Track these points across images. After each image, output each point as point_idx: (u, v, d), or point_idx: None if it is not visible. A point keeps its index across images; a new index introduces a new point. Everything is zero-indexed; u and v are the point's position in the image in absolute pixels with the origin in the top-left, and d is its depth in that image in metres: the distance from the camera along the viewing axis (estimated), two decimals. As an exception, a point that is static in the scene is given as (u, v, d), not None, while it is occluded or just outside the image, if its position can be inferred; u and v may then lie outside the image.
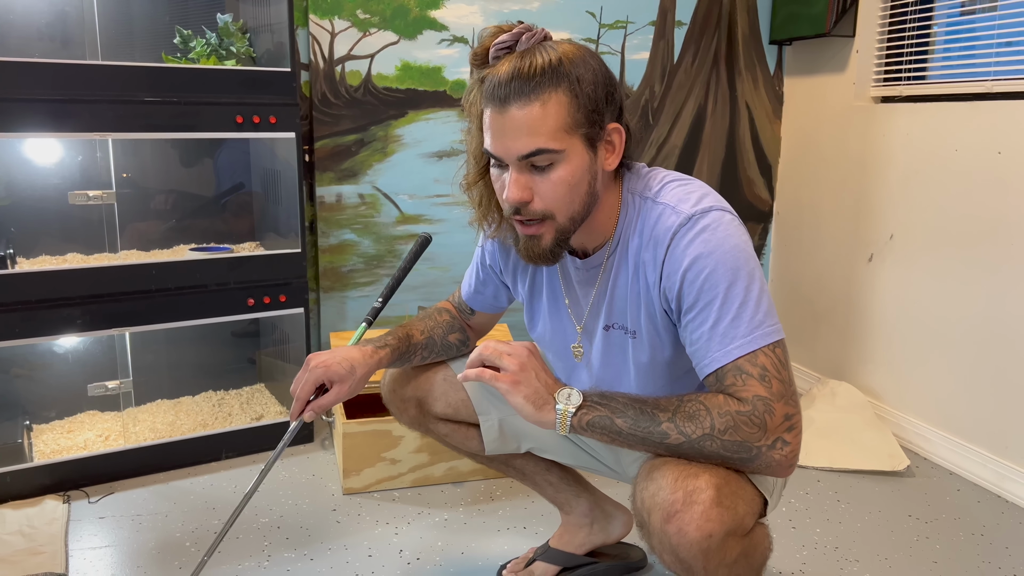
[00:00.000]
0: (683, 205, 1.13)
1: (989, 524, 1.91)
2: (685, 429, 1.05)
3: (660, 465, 1.07)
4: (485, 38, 1.14)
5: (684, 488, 1.02)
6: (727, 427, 1.04)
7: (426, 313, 1.50)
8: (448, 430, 1.51)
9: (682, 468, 1.04)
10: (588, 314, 1.29)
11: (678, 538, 1.01)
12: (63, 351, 2.26)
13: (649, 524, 1.05)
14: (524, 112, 1.07)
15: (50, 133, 1.90)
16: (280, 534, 1.82)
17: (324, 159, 2.51)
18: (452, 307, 1.53)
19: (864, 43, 2.55)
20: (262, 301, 2.18)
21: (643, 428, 1.07)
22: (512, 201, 1.12)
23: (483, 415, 1.47)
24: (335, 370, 1.28)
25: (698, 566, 1.03)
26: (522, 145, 1.08)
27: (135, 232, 2.26)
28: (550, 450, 1.50)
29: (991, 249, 2.08)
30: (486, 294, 1.47)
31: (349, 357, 1.30)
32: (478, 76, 1.15)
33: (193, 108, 2.02)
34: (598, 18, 2.71)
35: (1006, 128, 2.03)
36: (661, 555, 1.06)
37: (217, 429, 2.21)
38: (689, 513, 1.01)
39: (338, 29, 2.46)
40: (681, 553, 1.02)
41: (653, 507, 1.04)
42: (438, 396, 1.48)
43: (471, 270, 1.49)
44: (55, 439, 2.14)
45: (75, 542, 1.78)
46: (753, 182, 2.98)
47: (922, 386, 2.33)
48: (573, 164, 1.11)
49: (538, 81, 1.07)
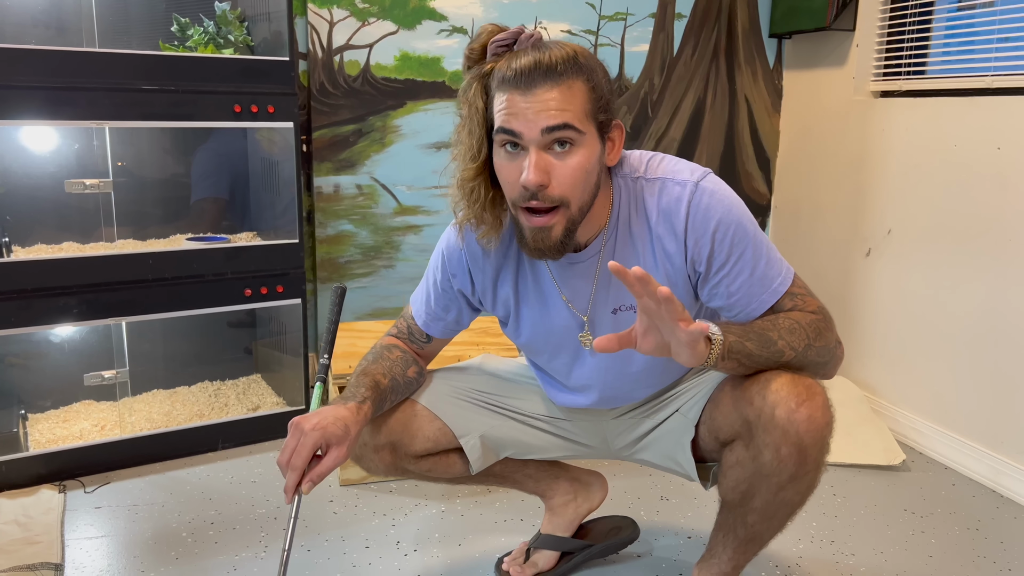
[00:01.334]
0: (680, 175, 1.22)
1: (984, 519, 1.92)
2: (793, 343, 1.18)
3: (770, 375, 1.17)
4: (482, 36, 1.17)
5: (804, 384, 1.16)
6: (817, 334, 1.20)
7: (376, 354, 1.38)
8: (430, 464, 1.45)
9: (791, 373, 1.17)
10: (592, 303, 1.30)
11: (807, 423, 1.13)
12: (59, 340, 2.25)
13: (775, 417, 1.14)
14: (552, 92, 1.10)
15: (47, 121, 1.88)
16: (277, 525, 1.82)
17: (322, 149, 2.50)
18: (399, 340, 1.44)
19: (864, 37, 2.55)
20: (259, 291, 2.17)
21: (767, 348, 1.17)
22: (532, 184, 1.11)
23: (464, 436, 1.43)
24: (332, 431, 1.16)
25: (815, 450, 1.16)
26: (549, 118, 1.10)
27: (132, 221, 2.25)
28: (533, 450, 1.51)
29: (989, 244, 2.08)
30: (447, 319, 1.40)
31: (340, 416, 1.19)
32: (478, 71, 1.17)
33: (190, 97, 2.01)
34: (598, 9, 2.70)
35: (1005, 123, 2.03)
36: (780, 444, 1.15)
37: (213, 420, 2.20)
38: (814, 402, 1.14)
39: (337, 18, 2.44)
40: (806, 437, 1.14)
41: (778, 401, 1.14)
42: (415, 433, 1.40)
43: (424, 298, 1.41)
44: (51, 428, 2.13)
45: (71, 532, 1.77)
46: (751, 176, 2.98)
47: (918, 381, 2.33)
48: (589, 150, 1.14)
49: (562, 69, 1.11)
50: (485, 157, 1.19)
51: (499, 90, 1.13)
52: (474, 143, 1.19)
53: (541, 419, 1.49)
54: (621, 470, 2.10)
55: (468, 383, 1.47)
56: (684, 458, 1.38)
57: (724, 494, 1.31)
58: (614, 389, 1.39)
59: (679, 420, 1.39)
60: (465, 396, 1.45)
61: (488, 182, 1.22)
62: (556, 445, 1.51)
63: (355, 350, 2.32)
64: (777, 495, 1.21)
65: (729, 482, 1.28)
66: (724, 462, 1.29)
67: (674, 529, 1.83)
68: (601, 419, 1.48)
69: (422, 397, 1.43)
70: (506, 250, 1.32)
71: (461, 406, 1.44)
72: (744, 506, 1.27)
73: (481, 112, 1.17)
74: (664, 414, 1.43)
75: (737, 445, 1.25)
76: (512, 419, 1.47)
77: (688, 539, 1.78)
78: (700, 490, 2.00)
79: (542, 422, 1.49)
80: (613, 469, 2.10)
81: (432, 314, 1.41)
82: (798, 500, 1.23)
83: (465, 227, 1.29)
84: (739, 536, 1.31)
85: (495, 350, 2.30)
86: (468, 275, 1.35)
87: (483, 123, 1.17)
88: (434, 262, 1.40)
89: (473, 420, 1.44)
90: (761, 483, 1.21)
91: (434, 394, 1.43)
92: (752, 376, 1.20)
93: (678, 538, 1.79)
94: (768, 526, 1.28)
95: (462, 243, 1.33)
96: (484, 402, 1.46)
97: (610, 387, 1.39)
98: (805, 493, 1.22)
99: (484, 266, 1.33)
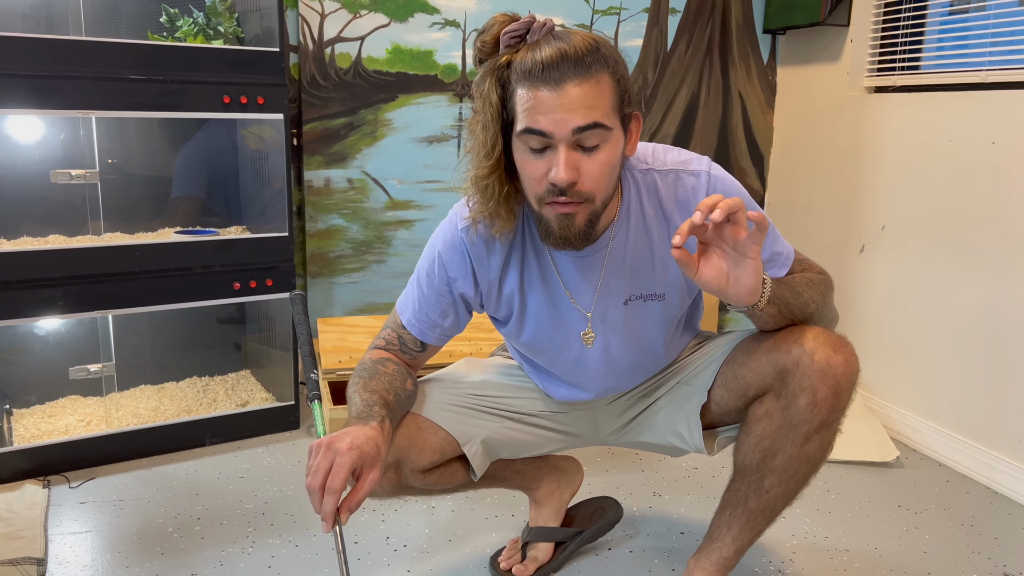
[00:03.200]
0: (690, 166, 1.26)
1: (978, 514, 1.91)
2: (814, 296, 1.25)
3: (802, 328, 1.23)
4: (494, 28, 1.14)
5: (835, 334, 1.23)
6: (827, 290, 1.29)
7: (371, 372, 1.29)
8: (435, 477, 1.40)
9: (818, 327, 1.24)
10: (598, 296, 1.29)
11: (845, 366, 1.19)
12: (44, 334, 2.22)
13: (815, 361, 1.19)
14: (582, 89, 1.07)
15: (32, 110, 1.85)
16: (264, 520, 1.80)
17: (312, 142, 2.48)
18: (389, 353, 1.38)
19: (858, 33, 2.54)
20: (248, 285, 2.15)
21: (798, 298, 1.22)
22: (563, 182, 1.09)
23: (467, 444, 1.39)
24: (367, 451, 1.08)
25: (846, 395, 1.21)
26: (580, 117, 1.07)
27: (119, 213, 2.22)
28: (528, 448, 1.49)
29: (983, 240, 2.07)
30: (444, 325, 1.35)
31: (370, 436, 1.10)
32: (492, 64, 1.13)
33: (179, 87, 1.99)
34: (591, 4, 2.68)
35: (1000, 118, 2.03)
36: (819, 386, 1.19)
37: (201, 415, 2.18)
38: (848, 348, 1.21)
39: (328, 10, 2.42)
40: (842, 380, 1.19)
41: (817, 348, 1.19)
42: (421, 447, 1.34)
43: (415, 305, 1.35)
44: (36, 423, 2.10)
45: (55, 527, 1.75)
46: (745, 172, 2.97)
47: (912, 377, 2.32)
48: (615, 145, 1.13)
49: (590, 61, 1.08)
50: (500, 153, 1.16)
51: (521, 84, 1.09)
52: (489, 139, 1.15)
53: (537, 415, 1.47)
54: (613, 466, 2.08)
55: (462, 388, 1.44)
56: (691, 424, 1.38)
57: (742, 457, 1.30)
58: (616, 379, 1.39)
59: (684, 390, 1.39)
60: (462, 402, 1.42)
61: (503, 177, 1.18)
62: (550, 439, 1.50)
63: (345, 344, 2.30)
64: (801, 449, 1.23)
65: (752, 439, 1.28)
66: (750, 417, 1.29)
67: (667, 524, 1.81)
68: (594, 406, 1.47)
69: (423, 409, 1.38)
70: (511, 246, 1.29)
71: (461, 413, 1.41)
72: (764, 467, 1.26)
73: (496, 107, 1.13)
74: (661, 391, 1.43)
75: (768, 397, 1.26)
76: (510, 419, 1.45)
77: (681, 534, 1.77)
78: (693, 486, 1.98)
79: (538, 418, 1.47)
80: (604, 465, 2.08)
81: (428, 321, 1.35)
82: (819, 456, 1.26)
83: (467, 226, 1.27)
84: (750, 508, 1.30)
85: (486, 345, 2.28)
86: (472, 276, 1.31)
87: (498, 118, 1.14)
88: (427, 267, 1.33)
89: (474, 426, 1.41)
90: (788, 435, 1.23)
91: (434, 404, 1.39)
92: (782, 331, 1.25)
93: (671, 533, 1.77)
94: (783, 491, 1.28)
95: (467, 242, 1.28)
96: (481, 406, 1.43)
97: (612, 376, 1.38)
98: (826, 449, 1.26)
99: (489, 264, 1.30)
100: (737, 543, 1.33)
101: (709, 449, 1.40)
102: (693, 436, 1.38)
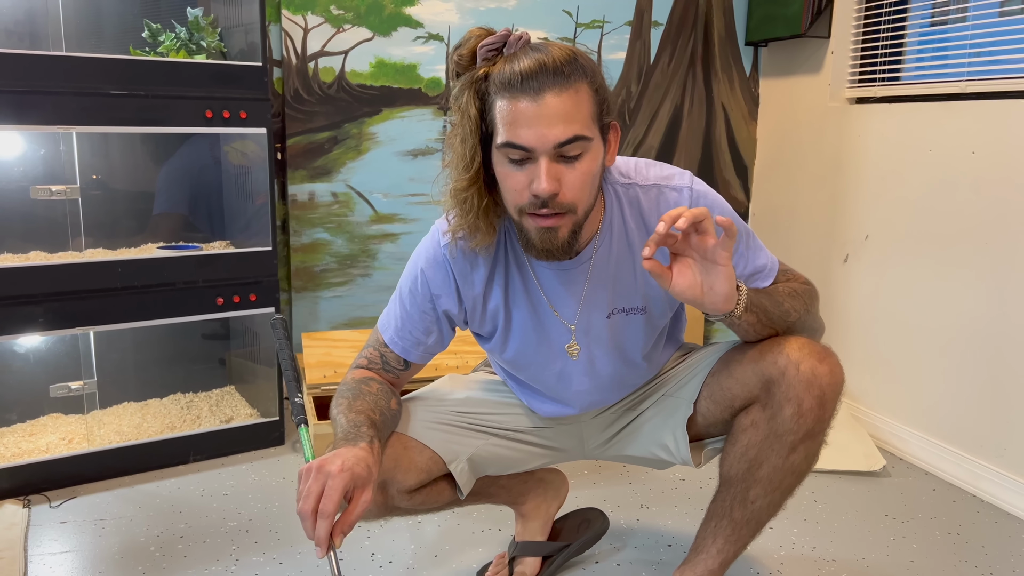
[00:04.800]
0: (672, 181, 1.26)
1: (965, 523, 1.91)
2: (796, 306, 1.26)
3: (787, 338, 1.24)
4: (471, 41, 1.13)
5: (820, 344, 1.23)
6: (811, 300, 1.30)
7: (355, 391, 1.26)
8: (422, 497, 1.37)
9: (803, 337, 1.25)
10: (581, 310, 1.28)
11: (830, 377, 1.20)
12: (24, 351, 2.20)
13: (800, 371, 1.20)
14: (561, 100, 1.07)
15: (11, 126, 1.84)
16: (248, 538, 1.78)
17: (296, 156, 2.47)
18: (372, 372, 1.35)
19: (839, 44, 2.56)
20: (231, 300, 2.13)
21: (778, 307, 1.23)
22: (545, 193, 1.09)
23: (453, 462, 1.38)
24: (359, 473, 1.05)
25: (831, 405, 1.22)
26: (560, 132, 1.07)
27: (101, 229, 2.21)
28: (514, 464, 1.48)
29: (966, 248, 2.08)
30: (428, 343, 1.33)
31: (361, 457, 1.07)
32: (470, 77, 1.12)
33: (161, 102, 1.98)
34: (575, 17, 2.69)
35: (980, 128, 2.04)
36: (804, 396, 1.19)
37: (185, 431, 2.16)
38: (833, 359, 1.22)
39: (311, 25, 2.42)
40: (828, 391, 1.20)
41: (802, 358, 1.20)
42: (407, 468, 1.32)
43: (397, 324, 1.33)
44: (16, 442, 2.08)
45: (35, 547, 1.72)
46: (729, 183, 2.98)
47: (898, 386, 2.33)
48: (595, 155, 1.13)
49: (568, 72, 1.08)
50: (480, 165, 1.15)
51: (500, 96, 1.09)
52: (467, 151, 1.14)
53: (522, 431, 1.46)
54: (601, 479, 2.07)
55: (446, 406, 1.43)
56: (677, 437, 1.37)
57: (728, 467, 1.30)
58: (601, 392, 1.38)
59: (669, 402, 1.39)
60: (447, 420, 1.41)
61: (482, 190, 1.17)
62: (536, 455, 1.48)
63: (330, 359, 2.29)
64: (787, 459, 1.23)
65: (737, 449, 1.27)
66: (735, 428, 1.29)
67: (655, 536, 1.80)
68: (580, 419, 1.46)
69: (408, 428, 1.36)
70: (494, 261, 1.28)
71: (446, 431, 1.39)
72: (749, 477, 1.26)
73: (475, 119, 1.12)
74: (646, 403, 1.42)
75: (753, 408, 1.26)
76: (495, 436, 1.44)
77: (668, 546, 1.76)
78: (680, 498, 1.97)
79: (523, 433, 1.46)
80: (592, 478, 2.07)
81: (411, 339, 1.33)
82: (804, 467, 1.26)
83: (449, 243, 1.25)
84: (735, 519, 1.29)
85: (471, 358, 2.27)
86: (456, 293, 1.29)
87: (477, 130, 1.13)
88: (410, 284, 1.32)
89: (459, 444, 1.39)
90: (773, 445, 1.23)
91: (419, 423, 1.38)
92: (767, 341, 1.26)
93: (659, 545, 1.76)
94: (768, 501, 1.28)
95: (450, 257, 1.27)
96: (466, 423, 1.42)
97: (597, 391, 1.37)
98: (811, 460, 1.26)
99: (473, 279, 1.28)
100: (723, 555, 1.32)
101: (696, 461, 1.39)
102: (680, 448, 1.38)
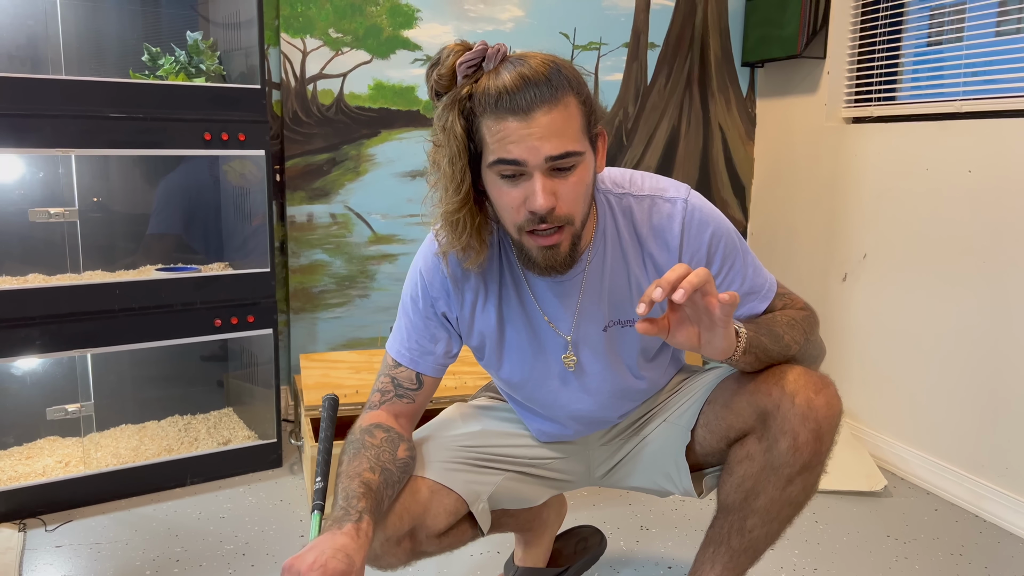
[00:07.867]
0: (666, 192, 1.25)
1: (967, 543, 1.89)
2: (796, 338, 1.23)
3: (784, 368, 1.22)
4: (449, 59, 1.10)
5: (817, 375, 1.21)
6: (811, 327, 1.27)
7: (356, 447, 1.20)
8: (450, 540, 1.34)
9: (802, 367, 1.23)
10: (576, 322, 1.27)
11: (827, 409, 1.17)
12: (21, 374, 2.19)
13: (795, 404, 1.18)
14: (551, 116, 1.06)
15: (11, 149, 1.85)
16: (245, 561, 1.76)
17: (295, 178, 2.48)
18: (382, 412, 1.30)
19: (835, 64, 2.58)
20: (229, 322, 2.13)
21: (777, 343, 1.21)
22: (543, 209, 1.08)
23: (475, 503, 1.35)
24: (333, 568, 0.98)
25: (828, 438, 1.19)
26: (552, 147, 1.06)
27: (100, 251, 2.21)
28: (527, 500, 1.45)
29: (964, 266, 2.09)
30: (437, 352, 1.30)
31: (340, 546, 1.01)
32: (453, 96, 1.10)
33: (160, 124, 1.99)
34: (572, 39, 2.71)
35: (975, 147, 2.05)
36: (800, 430, 1.18)
37: (182, 454, 2.14)
38: (830, 390, 1.19)
39: (310, 48, 2.44)
40: (824, 423, 1.18)
41: (798, 390, 1.18)
42: (436, 512, 1.28)
43: (403, 336, 1.31)
44: (12, 466, 2.06)
45: (30, 572, 1.70)
46: (727, 203, 2.98)
47: (898, 406, 2.32)
48: (587, 165, 1.13)
49: (555, 85, 1.07)
50: (470, 185, 1.13)
51: (488, 115, 1.07)
52: (456, 172, 1.11)
53: (533, 462, 1.42)
54: (601, 500, 2.06)
55: (458, 442, 1.39)
56: (678, 465, 1.35)
57: (725, 496, 1.28)
58: (600, 409, 1.36)
59: (668, 429, 1.37)
60: (462, 458, 1.37)
61: (474, 209, 1.16)
62: (548, 486, 1.45)
63: (327, 380, 2.28)
64: (784, 491, 1.21)
65: (734, 480, 1.25)
66: (731, 459, 1.27)
67: (654, 559, 1.78)
68: (587, 447, 1.44)
69: (428, 471, 1.31)
70: (487, 275, 1.27)
71: (465, 471, 1.35)
72: (746, 507, 1.24)
73: (462, 139, 1.10)
74: (648, 429, 1.40)
75: (749, 439, 1.24)
76: (509, 471, 1.40)
77: (669, 568, 1.74)
78: (680, 520, 1.96)
79: (535, 467, 1.42)
80: (592, 499, 2.06)
81: (419, 349, 1.30)
82: (802, 499, 1.24)
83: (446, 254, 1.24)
84: (732, 547, 1.27)
85: (470, 379, 2.27)
86: (451, 297, 1.29)
87: (464, 150, 1.11)
88: (411, 290, 1.30)
89: (478, 483, 1.36)
90: (769, 478, 1.21)
91: (438, 466, 1.34)
92: (763, 371, 1.23)
93: (658, 568, 1.75)
94: (766, 531, 1.26)
95: (445, 268, 1.26)
96: (480, 459, 1.38)
97: (597, 408, 1.35)
98: (809, 491, 1.24)
99: (465, 291, 1.27)
100: None
101: (698, 491, 1.37)
102: (682, 478, 1.35)
